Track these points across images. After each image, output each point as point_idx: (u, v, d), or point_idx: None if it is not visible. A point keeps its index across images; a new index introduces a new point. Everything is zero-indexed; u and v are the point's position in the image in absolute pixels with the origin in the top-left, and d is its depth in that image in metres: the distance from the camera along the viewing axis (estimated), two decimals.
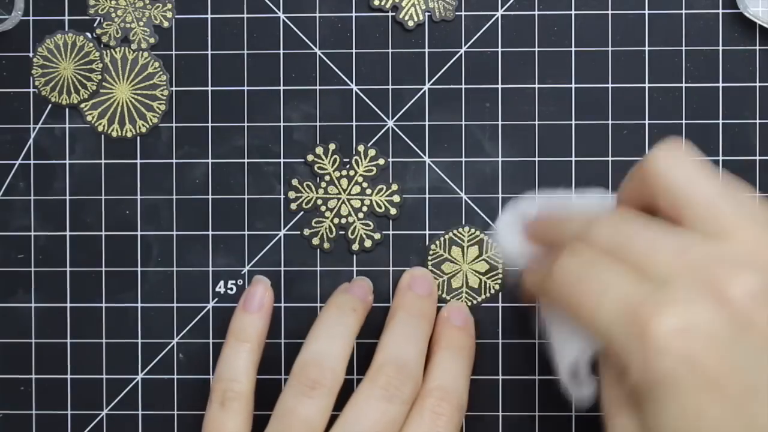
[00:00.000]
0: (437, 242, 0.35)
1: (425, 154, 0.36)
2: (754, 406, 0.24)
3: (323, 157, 0.36)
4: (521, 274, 0.32)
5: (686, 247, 0.26)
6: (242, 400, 0.32)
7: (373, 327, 0.34)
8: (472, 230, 0.35)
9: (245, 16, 0.36)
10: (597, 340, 0.27)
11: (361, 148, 0.36)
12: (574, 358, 0.29)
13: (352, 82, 0.36)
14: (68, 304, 0.36)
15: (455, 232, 0.35)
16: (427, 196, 0.36)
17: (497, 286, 0.35)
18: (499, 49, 0.35)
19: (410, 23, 0.35)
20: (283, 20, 0.36)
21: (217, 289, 0.36)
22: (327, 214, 0.36)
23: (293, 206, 0.36)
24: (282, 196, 0.36)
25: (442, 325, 0.34)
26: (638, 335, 0.24)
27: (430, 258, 0.35)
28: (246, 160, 0.36)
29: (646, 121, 0.35)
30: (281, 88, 0.36)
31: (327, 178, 0.36)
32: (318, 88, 0.36)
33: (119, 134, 0.36)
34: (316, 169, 0.36)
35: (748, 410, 0.24)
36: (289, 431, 0.30)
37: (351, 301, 0.33)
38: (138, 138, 0.36)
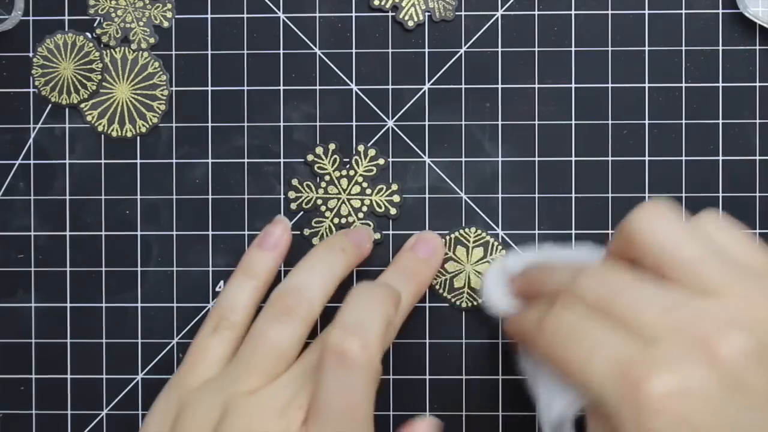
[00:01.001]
0: (442, 241, 0.35)
1: (425, 154, 0.36)
2: None
3: (323, 157, 0.36)
4: (506, 322, 0.32)
5: (674, 304, 0.26)
6: (235, 330, 0.32)
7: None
8: (478, 231, 0.35)
9: (245, 16, 0.36)
10: (586, 396, 0.27)
11: (361, 148, 0.36)
12: (560, 411, 0.29)
13: (352, 82, 0.36)
14: (68, 304, 0.36)
15: (461, 232, 0.35)
16: (427, 196, 0.36)
17: None
18: (499, 49, 0.35)
19: (410, 23, 0.35)
20: (283, 20, 0.36)
21: (217, 289, 0.36)
22: (327, 214, 0.36)
23: (293, 206, 0.36)
24: (282, 196, 0.36)
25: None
26: (631, 396, 0.25)
27: None
28: (246, 160, 0.36)
29: (646, 121, 0.35)
30: (281, 88, 0.36)
31: (327, 178, 0.36)
32: (318, 88, 0.36)
33: (119, 134, 0.36)
34: (316, 169, 0.36)
35: None
36: (259, 352, 0.30)
37: (342, 241, 0.33)
38: (138, 138, 0.36)
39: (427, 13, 0.35)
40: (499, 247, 0.35)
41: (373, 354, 0.28)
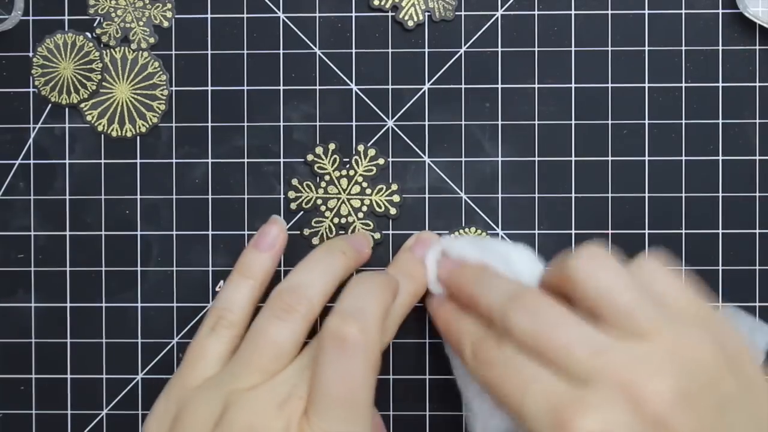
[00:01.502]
0: None
1: (425, 154, 0.36)
2: None
3: (323, 156, 0.36)
4: (433, 306, 0.33)
5: (605, 347, 0.27)
6: (233, 329, 0.32)
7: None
8: (478, 231, 0.35)
9: (245, 16, 0.36)
10: (521, 426, 0.28)
11: (360, 147, 0.36)
12: (499, 429, 0.31)
13: (352, 82, 0.36)
14: (68, 304, 0.36)
15: (461, 232, 0.35)
16: (426, 195, 0.36)
17: None
18: (499, 49, 0.35)
19: (410, 23, 0.35)
20: (283, 20, 0.36)
21: (217, 289, 0.36)
22: (327, 213, 0.36)
23: (293, 206, 0.36)
24: (282, 196, 0.36)
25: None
26: None
27: None
28: (246, 160, 0.36)
29: (646, 121, 0.35)
30: (281, 88, 0.36)
31: (327, 177, 0.36)
32: (318, 88, 0.36)
33: (119, 134, 0.36)
34: (316, 168, 0.36)
35: None
36: (259, 350, 0.30)
37: (342, 245, 0.33)
38: (138, 138, 0.36)
39: (427, 13, 0.35)
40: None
41: (372, 339, 0.29)
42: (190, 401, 0.30)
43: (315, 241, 0.36)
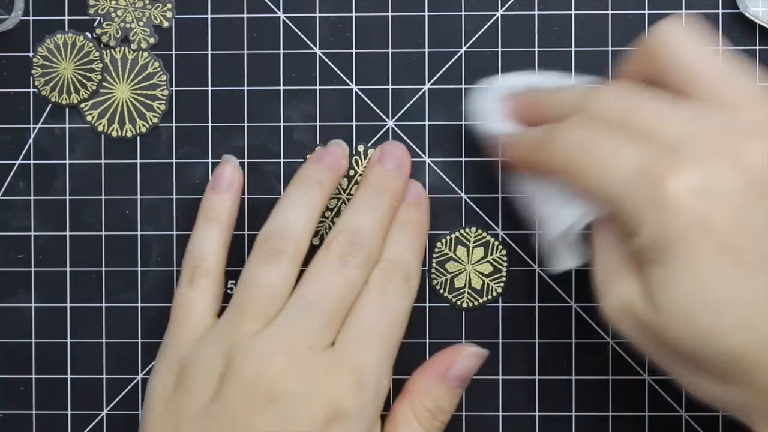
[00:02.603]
0: (443, 240, 0.35)
1: (425, 154, 0.36)
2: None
3: None
4: (505, 145, 0.31)
5: (699, 115, 0.25)
6: (210, 277, 0.32)
7: None
8: (479, 231, 0.35)
9: (245, 16, 0.36)
10: (599, 205, 0.27)
11: (361, 148, 0.36)
12: (567, 226, 0.29)
13: (352, 82, 0.36)
14: (68, 304, 0.36)
15: (461, 231, 0.35)
16: (426, 195, 0.35)
17: (500, 289, 0.35)
18: (499, 49, 0.35)
19: None
20: (283, 20, 0.36)
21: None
22: (327, 213, 0.36)
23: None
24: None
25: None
26: (652, 194, 0.24)
27: (434, 256, 0.35)
28: (246, 160, 0.36)
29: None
30: (281, 88, 0.36)
31: None
32: (318, 88, 0.36)
33: (119, 134, 0.36)
34: None
35: (763, 277, 0.23)
36: (253, 297, 0.30)
37: (317, 173, 0.33)
38: (138, 138, 0.36)
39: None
40: (500, 247, 0.35)
41: (414, 285, 0.32)
42: (191, 356, 0.30)
43: (315, 241, 0.36)
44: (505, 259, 0.35)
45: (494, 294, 0.35)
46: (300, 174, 0.33)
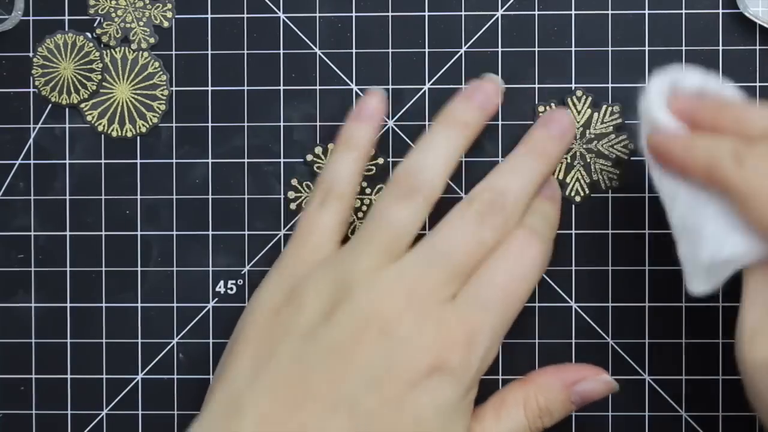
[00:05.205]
0: None
1: None
2: None
3: (323, 156, 0.36)
4: (669, 143, 0.29)
5: None
6: (342, 201, 0.32)
7: None
8: None
9: (245, 16, 0.36)
10: None
11: None
12: (727, 256, 0.27)
13: (352, 82, 0.36)
14: (68, 304, 0.36)
15: None
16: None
17: None
18: (499, 49, 0.35)
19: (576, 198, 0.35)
20: (283, 20, 0.36)
21: (217, 289, 0.36)
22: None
23: (293, 206, 0.36)
24: (282, 196, 0.36)
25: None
26: None
27: None
28: (246, 160, 0.36)
29: None
30: (281, 88, 0.36)
31: None
32: (318, 88, 0.36)
33: (119, 134, 0.36)
34: (315, 169, 0.36)
35: None
36: (379, 231, 0.30)
37: (465, 112, 0.32)
38: (138, 138, 0.36)
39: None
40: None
41: (549, 247, 0.31)
42: (309, 276, 0.30)
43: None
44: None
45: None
46: (447, 111, 0.32)
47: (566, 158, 0.35)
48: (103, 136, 0.36)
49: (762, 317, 0.26)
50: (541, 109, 0.35)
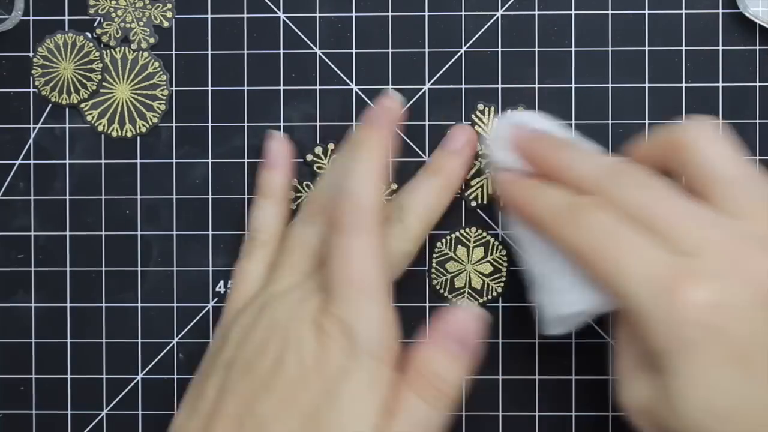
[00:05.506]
0: (443, 240, 0.35)
1: (425, 154, 0.36)
2: None
3: (323, 156, 0.36)
4: (504, 182, 0.31)
5: (714, 222, 0.26)
6: (266, 247, 0.33)
7: None
8: (479, 231, 0.35)
9: (245, 16, 0.36)
10: (613, 299, 0.27)
11: None
12: (576, 311, 0.29)
13: (352, 82, 0.36)
14: (68, 304, 0.36)
15: (461, 231, 0.35)
16: None
17: (500, 289, 0.35)
18: (499, 49, 0.35)
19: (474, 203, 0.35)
20: (283, 20, 0.36)
21: (217, 289, 0.36)
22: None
23: (293, 206, 0.36)
24: None
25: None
26: (666, 304, 0.25)
27: (435, 256, 0.35)
28: (246, 160, 0.36)
29: (646, 121, 0.35)
30: (281, 88, 0.36)
31: None
32: (318, 88, 0.36)
33: (119, 134, 0.36)
34: (315, 169, 0.36)
35: None
36: (288, 252, 0.32)
37: (365, 142, 0.31)
38: (138, 138, 0.36)
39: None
40: (500, 247, 0.35)
41: (365, 216, 0.29)
42: (237, 315, 0.31)
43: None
44: (505, 259, 0.35)
45: (494, 294, 0.35)
46: (353, 139, 0.32)
47: (479, 162, 0.35)
48: (103, 136, 0.36)
49: (627, 363, 0.28)
50: (480, 107, 0.35)
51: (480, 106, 0.35)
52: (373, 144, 0.31)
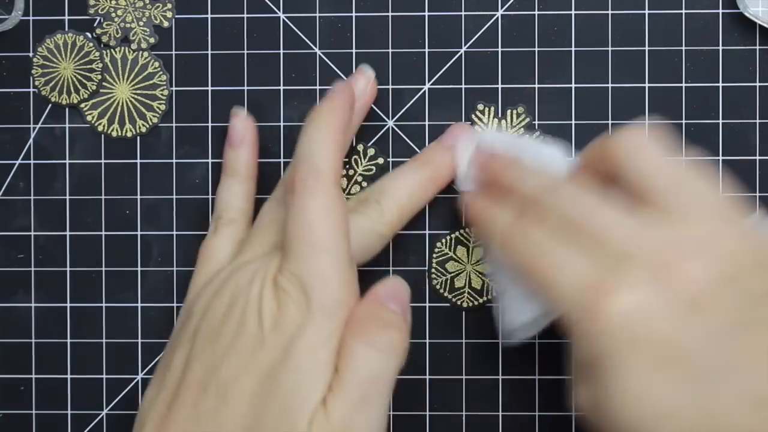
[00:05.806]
0: (443, 240, 0.35)
1: None
2: (710, 388, 0.24)
3: None
4: (466, 200, 0.33)
5: (643, 228, 0.27)
6: (233, 225, 0.33)
7: None
8: None
9: (245, 16, 0.36)
10: (555, 309, 0.28)
11: (360, 147, 0.36)
12: (526, 321, 0.30)
13: None
14: (68, 304, 0.36)
15: (461, 231, 0.35)
16: None
17: None
18: (499, 49, 0.35)
19: None
20: (283, 20, 0.36)
21: None
22: None
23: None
24: None
25: None
26: (588, 313, 0.26)
27: (435, 256, 0.35)
28: None
29: (646, 121, 0.35)
30: (281, 88, 0.36)
31: None
32: (318, 88, 0.36)
33: (119, 134, 0.36)
34: None
35: (704, 392, 0.24)
36: (258, 227, 0.32)
37: (324, 121, 0.31)
38: (138, 138, 0.36)
39: None
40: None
41: (324, 177, 0.29)
42: (202, 289, 0.31)
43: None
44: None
45: (494, 294, 0.35)
46: (309, 121, 0.31)
47: None
48: (103, 136, 0.36)
49: (576, 371, 0.28)
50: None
51: (480, 106, 0.35)
52: (332, 114, 0.31)
